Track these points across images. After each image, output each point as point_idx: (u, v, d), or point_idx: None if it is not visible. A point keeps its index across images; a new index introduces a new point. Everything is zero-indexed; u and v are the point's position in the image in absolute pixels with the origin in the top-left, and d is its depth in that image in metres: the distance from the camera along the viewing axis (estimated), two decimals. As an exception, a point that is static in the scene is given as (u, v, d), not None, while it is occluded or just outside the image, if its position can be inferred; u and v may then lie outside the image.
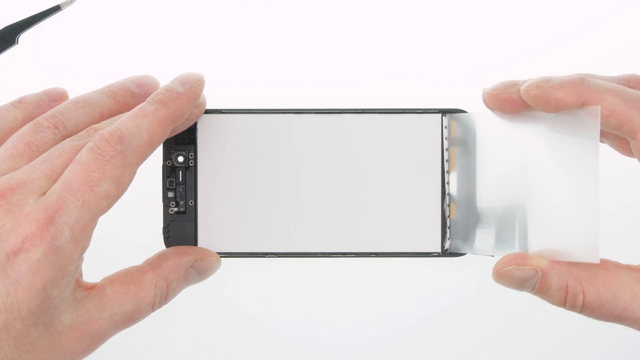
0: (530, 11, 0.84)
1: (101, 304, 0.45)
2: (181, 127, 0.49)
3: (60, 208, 0.42)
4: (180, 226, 0.51)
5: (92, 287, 0.45)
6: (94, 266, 0.49)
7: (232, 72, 0.83)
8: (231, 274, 0.82)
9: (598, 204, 0.45)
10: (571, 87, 0.45)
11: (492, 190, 0.50)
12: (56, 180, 0.44)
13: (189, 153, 0.51)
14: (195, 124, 0.50)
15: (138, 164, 0.45)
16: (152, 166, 0.50)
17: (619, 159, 0.51)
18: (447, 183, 0.51)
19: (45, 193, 0.43)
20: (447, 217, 0.51)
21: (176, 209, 0.51)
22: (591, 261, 0.45)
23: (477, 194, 0.50)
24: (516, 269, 0.46)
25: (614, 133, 0.45)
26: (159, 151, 0.49)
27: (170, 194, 0.51)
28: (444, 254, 0.51)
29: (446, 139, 0.51)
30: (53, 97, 0.49)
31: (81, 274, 0.45)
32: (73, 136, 0.46)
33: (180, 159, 0.50)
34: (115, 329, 0.46)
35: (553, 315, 0.82)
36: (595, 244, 0.45)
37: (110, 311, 0.45)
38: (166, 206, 0.51)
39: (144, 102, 0.46)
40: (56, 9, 0.55)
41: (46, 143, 0.46)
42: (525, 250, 0.48)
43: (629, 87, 0.46)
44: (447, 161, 0.51)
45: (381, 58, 0.83)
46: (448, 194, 0.51)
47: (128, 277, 0.46)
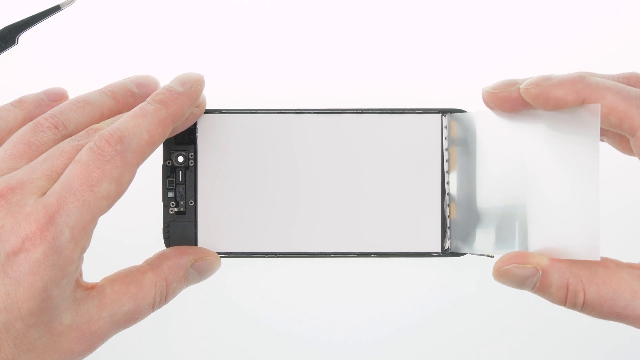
0: (530, 11, 0.84)
1: (101, 304, 0.45)
2: (181, 127, 0.49)
3: (60, 208, 0.42)
4: (180, 226, 0.51)
5: (92, 287, 0.45)
6: (94, 266, 0.49)
7: (232, 72, 0.83)
8: (231, 274, 0.82)
9: (598, 200, 0.45)
10: (571, 85, 0.45)
11: (492, 190, 0.50)
12: (56, 180, 0.44)
13: (189, 153, 0.51)
14: (195, 124, 0.50)
15: (138, 164, 0.45)
16: (152, 166, 0.50)
17: (618, 158, 0.51)
18: (447, 183, 0.51)
19: (46, 193, 0.43)
20: (447, 217, 0.51)
21: (176, 209, 0.51)
22: (592, 258, 0.45)
23: (477, 194, 0.50)
24: (517, 267, 0.46)
25: (614, 131, 0.45)
26: (159, 151, 0.49)
27: (170, 194, 0.51)
28: (444, 254, 0.51)
29: (446, 138, 0.51)
30: (53, 97, 0.49)
31: (81, 274, 0.45)
32: (73, 136, 0.46)
33: (180, 159, 0.50)
34: (115, 329, 0.46)
35: (553, 315, 0.82)
36: (596, 241, 0.45)
37: (110, 311, 0.45)
38: (166, 206, 0.51)
39: (144, 102, 0.46)
40: (56, 9, 0.55)
41: (46, 143, 0.46)
42: (525, 249, 0.48)
43: (628, 85, 0.46)
44: (447, 161, 0.51)
45: (381, 58, 0.83)
46: (448, 194, 0.51)
47: (128, 277, 0.46)
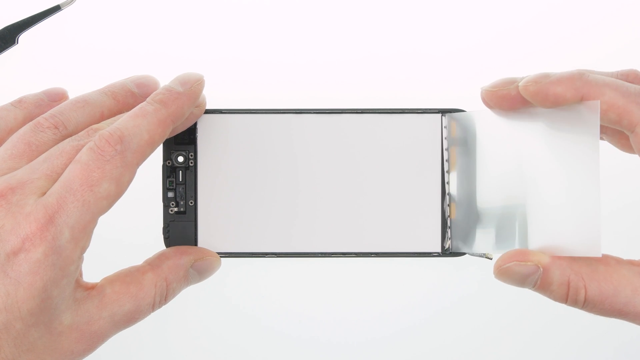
0: (530, 11, 0.84)
1: (101, 304, 0.45)
2: (181, 127, 0.49)
3: (60, 208, 0.42)
4: (180, 226, 0.51)
5: (92, 287, 0.45)
6: (94, 266, 0.49)
7: (232, 72, 0.83)
8: (231, 274, 0.82)
9: (599, 196, 0.45)
10: (569, 82, 0.45)
11: (492, 190, 0.50)
12: (56, 180, 0.44)
13: (189, 153, 0.51)
14: (195, 124, 0.50)
15: (138, 164, 0.45)
16: (152, 166, 0.50)
17: (618, 157, 0.51)
18: (447, 183, 0.51)
19: (45, 193, 0.43)
20: (447, 217, 0.51)
21: (176, 209, 0.51)
22: (593, 255, 0.45)
23: (477, 194, 0.50)
24: (517, 265, 0.46)
25: (613, 127, 0.45)
26: (159, 151, 0.49)
27: (170, 194, 0.51)
28: (444, 254, 0.51)
29: (446, 138, 0.51)
30: (53, 97, 0.49)
31: (81, 274, 0.45)
32: (73, 136, 0.46)
33: (180, 159, 0.50)
34: (115, 329, 0.46)
35: (553, 315, 0.82)
36: (597, 237, 0.45)
37: (110, 311, 0.45)
38: (166, 206, 0.51)
39: (144, 102, 0.46)
40: (56, 9, 0.55)
41: (46, 143, 0.46)
42: (525, 248, 0.48)
43: (627, 82, 0.46)
44: (447, 161, 0.51)
45: (381, 58, 0.83)
46: (448, 194, 0.51)
47: (128, 277, 0.46)
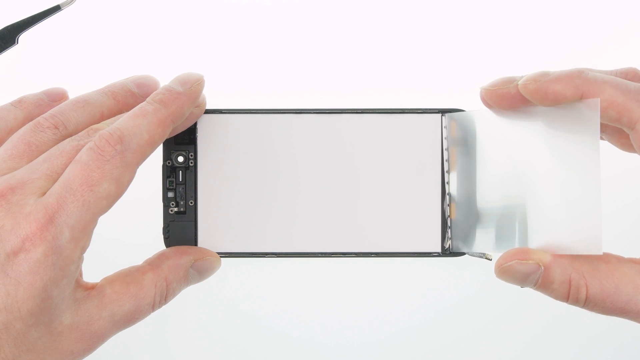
0: (530, 11, 0.84)
1: (101, 304, 0.45)
2: (181, 127, 0.49)
3: (60, 208, 0.42)
4: (180, 226, 0.51)
5: (92, 287, 0.45)
6: (94, 266, 0.49)
7: (232, 72, 0.83)
8: (231, 274, 0.82)
9: (600, 193, 0.45)
10: (569, 80, 0.45)
11: (492, 189, 0.50)
12: (56, 180, 0.44)
13: (189, 153, 0.51)
14: (195, 124, 0.50)
15: (138, 163, 0.45)
16: (152, 166, 0.50)
17: (618, 156, 0.51)
18: (447, 183, 0.51)
19: (46, 193, 0.43)
20: (447, 217, 0.51)
21: (176, 209, 0.51)
22: (594, 253, 0.45)
23: (477, 193, 0.50)
24: (519, 263, 0.46)
25: (613, 125, 0.45)
26: (159, 151, 0.49)
27: (170, 194, 0.51)
28: (444, 254, 0.51)
29: (446, 138, 0.51)
30: (53, 97, 0.49)
31: (81, 274, 0.45)
32: (73, 136, 0.46)
33: (180, 159, 0.50)
34: (115, 329, 0.46)
35: (554, 315, 0.82)
36: (598, 235, 0.45)
37: (110, 311, 0.45)
38: (166, 206, 0.51)
39: (144, 102, 0.46)
40: (56, 9, 0.55)
41: (46, 143, 0.46)
42: (526, 247, 0.48)
43: (626, 80, 0.46)
44: (446, 161, 0.51)
45: (381, 58, 0.83)
46: (448, 194, 0.51)
47: (128, 277, 0.46)
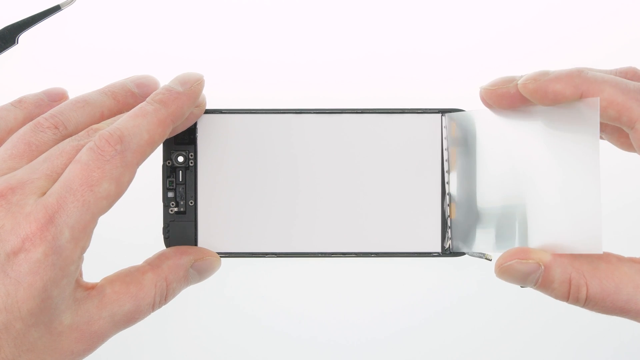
0: (530, 10, 0.84)
1: (101, 304, 0.45)
2: (181, 127, 0.49)
3: (60, 208, 0.42)
4: (180, 226, 0.51)
5: (92, 287, 0.45)
6: (94, 266, 0.49)
7: (232, 72, 0.83)
8: (231, 274, 0.82)
9: (599, 192, 0.45)
10: (569, 79, 0.45)
11: (492, 189, 0.50)
12: (56, 180, 0.44)
13: (189, 153, 0.51)
14: (195, 124, 0.50)
15: (138, 163, 0.45)
16: (152, 166, 0.50)
17: (618, 156, 0.51)
18: (447, 183, 0.51)
19: (46, 193, 0.43)
20: (447, 217, 0.51)
21: (176, 209, 0.51)
22: (595, 252, 0.45)
23: (477, 193, 0.50)
24: (519, 263, 0.46)
25: (613, 124, 0.45)
26: (159, 151, 0.49)
27: (170, 194, 0.51)
28: (444, 254, 0.51)
29: (446, 138, 0.51)
30: (53, 97, 0.49)
31: (81, 274, 0.45)
32: (73, 136, 0.46)
33: (180, 159, 0.50)
34: (115, 329, 0.46)
35: (553, 315, 0.82)
36: (598, 234, 0.45)
37: (110, 311, 0.45)
38: (166, 206, 0.51)
39: (144, 102, 0.46)
40: (56, 9, 0.55)
41: (46, 143, 0.46)
42: (526, 246, 0.48)
43: (626, 79, 0.46)
44: (446, 161, 0.51)
45: (380, 58, 0.83)
46: (448, 194, 0.51)
47: (128, 277, 0.46)
